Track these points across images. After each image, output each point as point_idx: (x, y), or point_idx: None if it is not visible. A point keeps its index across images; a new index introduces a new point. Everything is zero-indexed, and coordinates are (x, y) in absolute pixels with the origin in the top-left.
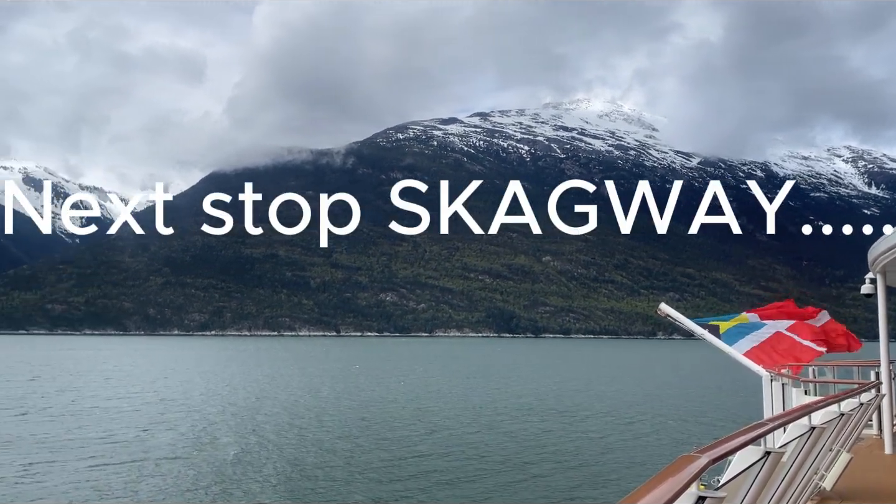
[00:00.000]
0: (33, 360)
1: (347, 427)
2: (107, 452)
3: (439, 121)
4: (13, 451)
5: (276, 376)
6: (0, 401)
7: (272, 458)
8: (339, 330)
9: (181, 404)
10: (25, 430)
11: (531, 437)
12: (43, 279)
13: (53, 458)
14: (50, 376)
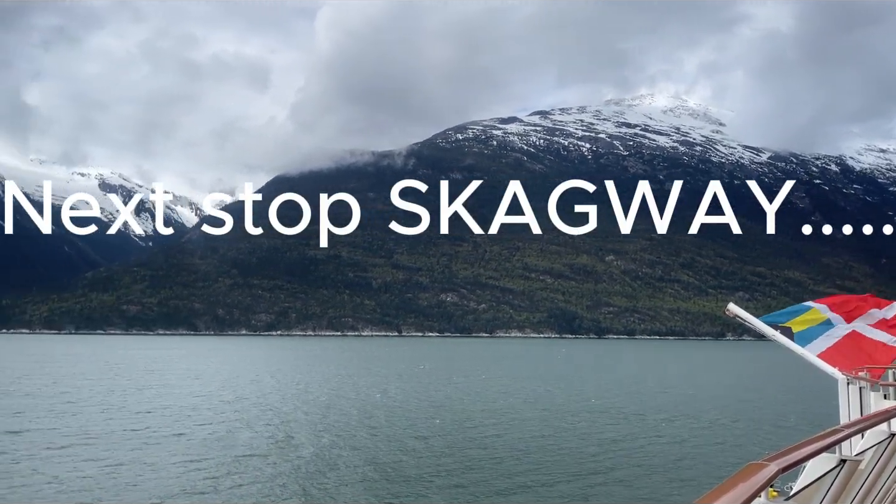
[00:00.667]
0: (112, 359)
1: (419, 426)
2: (188, 450)
3: (499, 120)
4: (96, 447)
5: (344, 375)
6: (83, 398)
7: (348, 457)
8: (400, 330)
9: (255, 403)
10: (108, 427)
11: (602, 440)
12: (118, 281)
13: (137, 455)
14: (128, 375)
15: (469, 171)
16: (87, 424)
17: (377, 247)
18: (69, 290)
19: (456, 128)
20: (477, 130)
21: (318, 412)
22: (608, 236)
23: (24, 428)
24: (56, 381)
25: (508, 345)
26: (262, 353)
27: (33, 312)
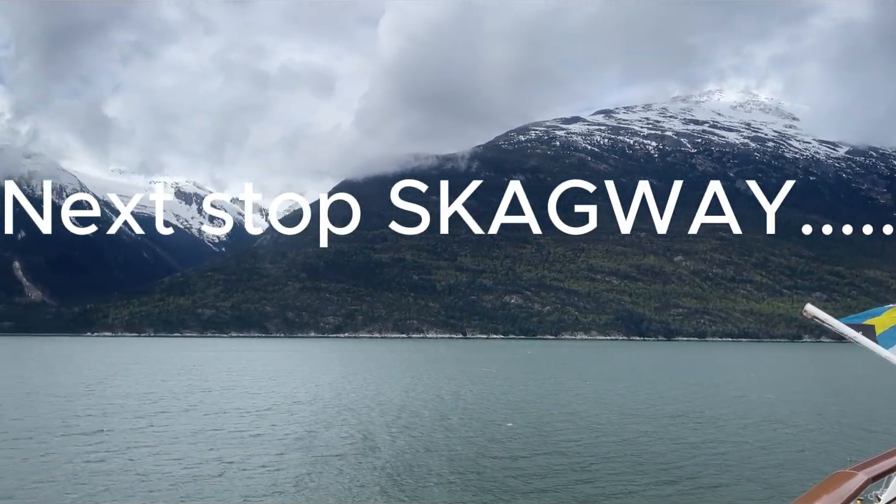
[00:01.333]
0: (191, 361)
1: (494, 429)
2: (268, 450)
3: (562, 120)
4: (179, 446)
5: (414, 377)
6: (166, 398)
7: (425, 458)
8: (465, 332)
9: (330, 403)
10: (190, 427)
11: (683, 445)
12: (194, 285)
13: (219, 454)
14: (207, 376)
15: (532, 172)
16: (170, 424)
17: (441, 249)
18: (148, 295)
19: (518, 129)
20: (539, 131)
21: (391, 413)
22: (676, 236)
23: (111, 427)
24: (139, 381)
25: (575, 347)
26: (332, 355)
27: (115, 316)
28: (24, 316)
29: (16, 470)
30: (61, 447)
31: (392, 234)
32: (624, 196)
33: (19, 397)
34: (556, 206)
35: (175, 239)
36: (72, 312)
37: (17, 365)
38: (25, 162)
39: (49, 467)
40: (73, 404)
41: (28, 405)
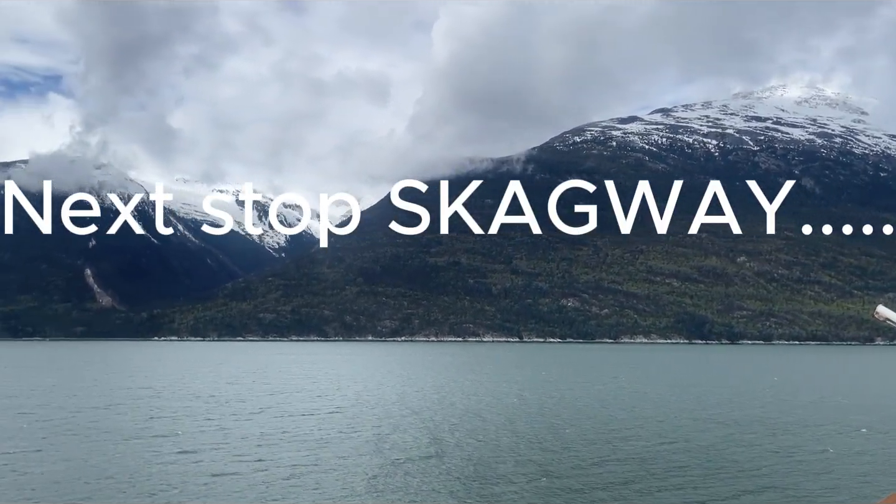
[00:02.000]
0: (255, 365)
1: (561, 433)
2: (339, 453)
3: (618, 120)
4: (250, 448)
5: (475, 380)
6: (232, 401)
7: (494, 462)
8: (521, 336)
9: (395, 406)
10: (256, 430)
11: (761, 453)
12: (255, 290)
13: (290, 456)
14: (272, 380)
15: (588, 173)
16: (237, 426)
17: (496, 253)
18: (212, 300)
19: (573, 130)
20: (595, 132)
21: (457, 416)
22: (739, 237)
23: (182, 430)
24: (207, 384)
25: (635, 351)
26: (391, 358)
27: (181, 321)
28: (96, 321)
29: (90, 470)
30: (135, 448)
31: (447, 237)
32: (683, 196)
33: (95, 400)
34: (619, 207)
35: (237, 245)
36: (140, 318)
37: (92, 368)
38: (95, 173)
39: (122, 468)
40: (144, 406)
41: (103, 407)
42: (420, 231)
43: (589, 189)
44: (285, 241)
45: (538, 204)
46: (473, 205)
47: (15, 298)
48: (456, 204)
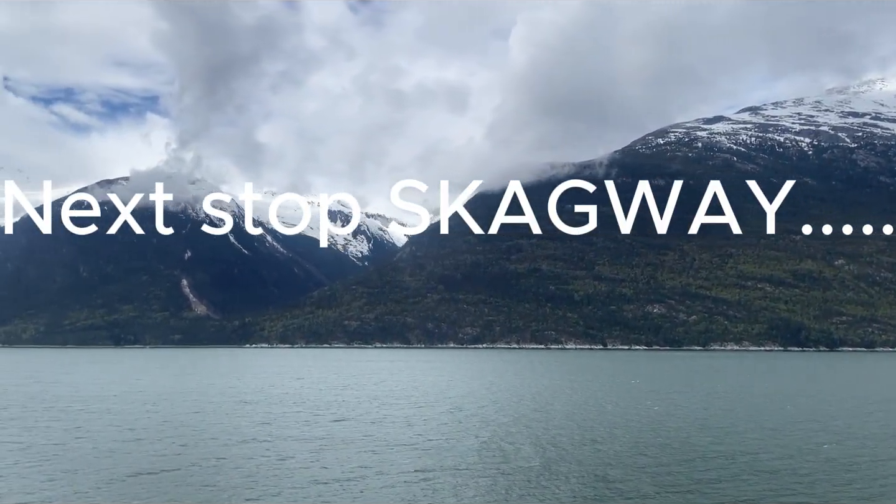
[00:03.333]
0: (342, 370)
1: (649, 444)
2: (420, 458)
3: (703, 120)
4: (331, 452)
5: (557, 388)
6: (320, 405)
7: (578, 473)
8: (605, 343)
9: (475, 413)
10: (343, 434)
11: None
12: (340, 298)
13: (371, 460)
14: (356, 384)
15: (672, 176)
16: (321, 431)
17: (577, 259)
18: (299, 308)
19: (657, 132)
20: (679, 133)
21: (538, 425)
22: (837, 238)
23: (276, 434)
24: (296, 390)
25: (726, 358)
26: (474, 365)
27: (270, 329)
28: (191, 329)
29: (187, 474)
30: (232, 453)
31: (528, 244)
32: (772, 196)
33: (192, 405)
34: (705, 210)
35: (321, 254)
36: (232, 325)
37: (190, 374)
38: (190, 188)
39: (224, 473)
40: (240, 411)
41: (203, 412)
42: (500, 243)
43: (671, 191)
44: (368, 250)
45: (624, 208)
46: (556, 209)
47: (118, 308)
48: (537, 209)
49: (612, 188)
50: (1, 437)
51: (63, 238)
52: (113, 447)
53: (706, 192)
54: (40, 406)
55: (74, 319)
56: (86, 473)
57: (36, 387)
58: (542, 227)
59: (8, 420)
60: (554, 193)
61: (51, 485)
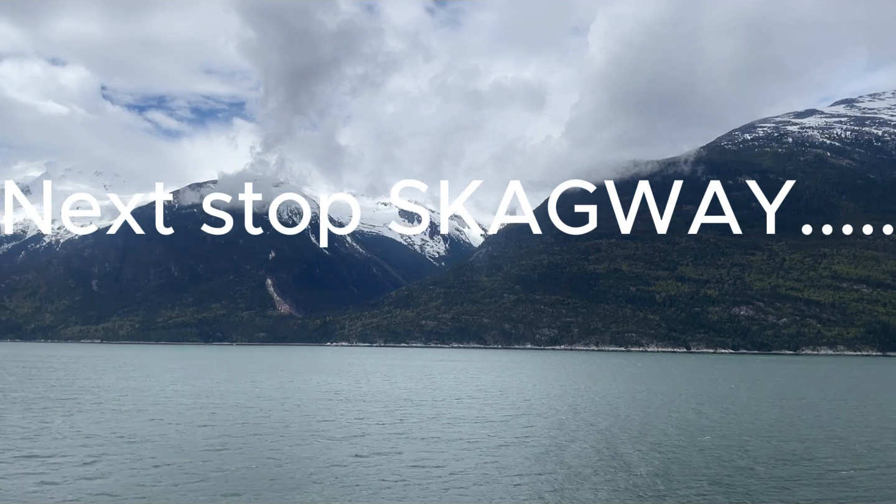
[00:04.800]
0: (423, 370)
1: (755, 452)
2: (511, 460)
3: (793, 114)
4: (410, 452)
5: (648, 392)
6: (404, 406)
7: (688, 479)
8: (689, 346)
9: (569, 415)
10: (428, 434)
11: None
12: (417, 298)
13: (458, 461)
14: (442, 385)
15: (761, 173)
16: (408, 430)
17: (659, 259)
18: (378, 308)
19: (743, 127)
20: (768, 128)
21: (634, 428)
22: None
23: (361, 432)
24: (381, 389)
25: (820, 363)
26: (557, 367)
27: (350, 328)
28: (275, 327)
29: (272, 471)
30: (316, 449)
31: (607, 244)
32: (872, 193)
33: (280, 401)
34: (794, 208)
35: (401, 256)
36: (314, 324)
37: (277, 371)
38: (274, 190)
39: (300, 468)
40: (324, 408)
41: (291, 408)
42: (583, 233)
43: (760, 189)
44: (444, 251)
45: (711, 207)
46: (636, 208)
47: (207, 306)
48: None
49: (697, 186)
50: None
51: (156, 239)
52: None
53: (791, 189)
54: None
55: (167, 317)
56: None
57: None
58: (621, 226)
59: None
60: (635, 192)
61: None
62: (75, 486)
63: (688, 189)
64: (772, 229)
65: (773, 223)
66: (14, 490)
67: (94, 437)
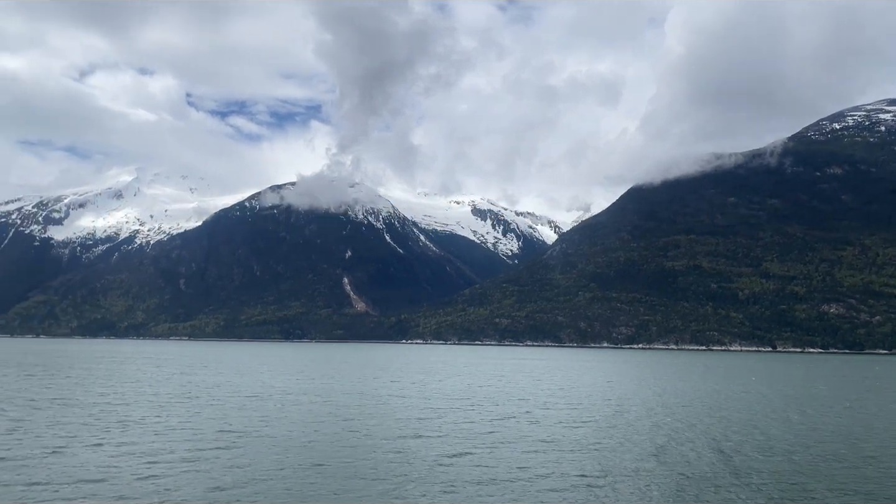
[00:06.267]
0: (501, 368)
1: (848, 457)
2: (620, 462)
3: (887, 102)
4: (495, 452)
5: (737, 392)
6: (482, 404)
7: (766, 482)
8: (774, 345)
9: (668, 417)
10: (508, 434)
11: None
12: (490, 297)
13: (573, 465)
14: (515, 382)
15: (852, 164)
16: (494, 430)
17: (742, 255)
18: (451, 306)
19: (832, 116)
20: (858, 117)
21: (717, 431)
22: None
23: (446, 432)
24: (458, 387)
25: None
26: (636, 366)
27: (425, 325)
28: (352, 325)
29: (357, 470)
30: (404, 448)
31: (686, 240)
32: None
33: (366, 399)
34: (887, 200)
35: (474, 254)
36: (390, 322)
37: (359, 367)
38: (349, 191)
39: (387, 468)
40: (405, 406)
41: (374, 406)
42: (661, 229)
43: (851, 180)
44: (518, 248)
45: (795, 200)
46: (716, 203)
47: (287, 305)
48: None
49: (783, 179)
50: None
51: (238, 240)
52: None
53: (884, 181)
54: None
55: (250, 315)
56: None
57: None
58: (702, 221)
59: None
60: (716, 186)
61: None
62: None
63: (773, 182)
64: (863, 223)
65: (864, 217)
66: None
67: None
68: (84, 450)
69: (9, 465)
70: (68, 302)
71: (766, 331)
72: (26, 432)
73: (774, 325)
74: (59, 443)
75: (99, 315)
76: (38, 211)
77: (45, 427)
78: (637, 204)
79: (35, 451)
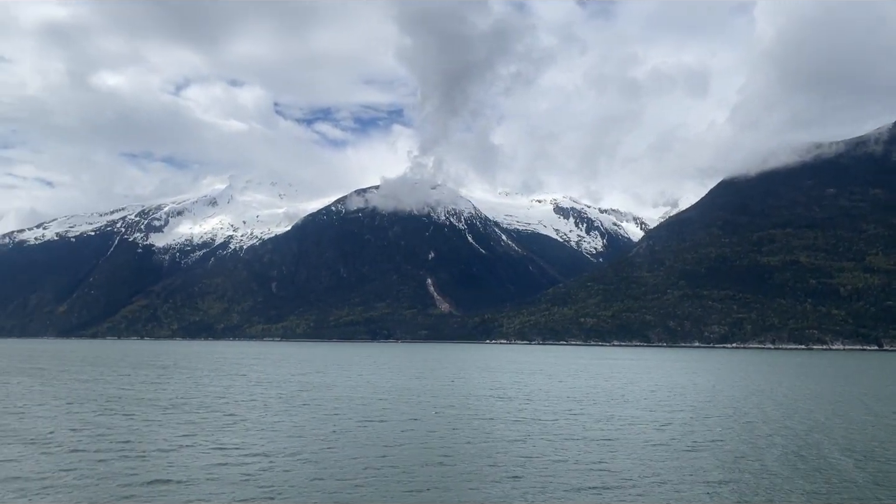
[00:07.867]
0: (599, 368)
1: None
2: (699, 463)
3: None
4: (586, 453)
5: (846, 394)
6: (580, 403)
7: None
8: (881, 344)
9: (758, 418)
10: (595, 434)
11: None
12: (575, 296)
13: (644, 463)
14: (613, 381)
15: None
16: (573, 429)
17: (844, 249)
18: (535, 306)
19: None
20: None
21: (838, 434)
22: None
23: (530, 432)
24: (543, 387)
25: None
26: (734, 366)
27: (508, 325)
28: (436, 325)
29: (434, 467)
30: (490, 448)
31: (782, 234)
32: None
33: (455, 398)
34: None
35: (556, 253)
36: (473, 322)
37: (446, 366)
38: (431, 192)
39: (476, 465)
40: (496, 406)
41: (465, 406)
42: (755, 223)
43: None
44: (602, 246)
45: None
46: (813, 195)
47: (373, 306)
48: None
49: (888, 167)
50: None
51: (326, 243)
52: None
53: None
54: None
55: (338, 316)
56: None
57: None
58: (799, 213)
59: None
60: (815, 176)
61: None
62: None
63: (876, 170)
64: None
65: None
66: None
67: None
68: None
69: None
70: (169, 305)
71: (871, 328)
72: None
73: (881, 322)
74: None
75: (197, 318)
76: (140, 219)
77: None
78: (728, 197)
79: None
